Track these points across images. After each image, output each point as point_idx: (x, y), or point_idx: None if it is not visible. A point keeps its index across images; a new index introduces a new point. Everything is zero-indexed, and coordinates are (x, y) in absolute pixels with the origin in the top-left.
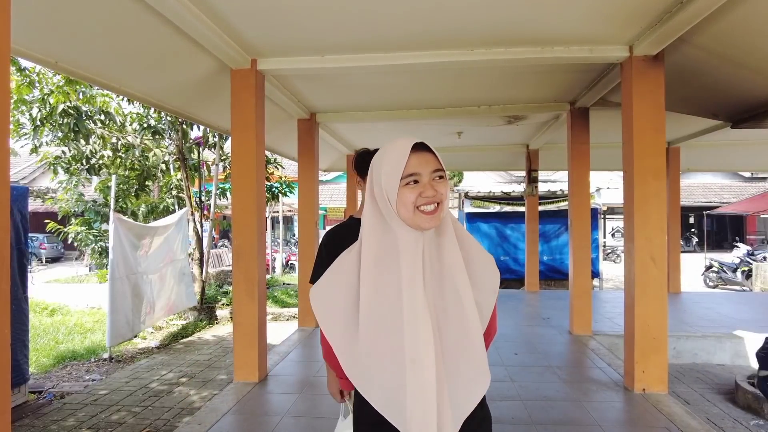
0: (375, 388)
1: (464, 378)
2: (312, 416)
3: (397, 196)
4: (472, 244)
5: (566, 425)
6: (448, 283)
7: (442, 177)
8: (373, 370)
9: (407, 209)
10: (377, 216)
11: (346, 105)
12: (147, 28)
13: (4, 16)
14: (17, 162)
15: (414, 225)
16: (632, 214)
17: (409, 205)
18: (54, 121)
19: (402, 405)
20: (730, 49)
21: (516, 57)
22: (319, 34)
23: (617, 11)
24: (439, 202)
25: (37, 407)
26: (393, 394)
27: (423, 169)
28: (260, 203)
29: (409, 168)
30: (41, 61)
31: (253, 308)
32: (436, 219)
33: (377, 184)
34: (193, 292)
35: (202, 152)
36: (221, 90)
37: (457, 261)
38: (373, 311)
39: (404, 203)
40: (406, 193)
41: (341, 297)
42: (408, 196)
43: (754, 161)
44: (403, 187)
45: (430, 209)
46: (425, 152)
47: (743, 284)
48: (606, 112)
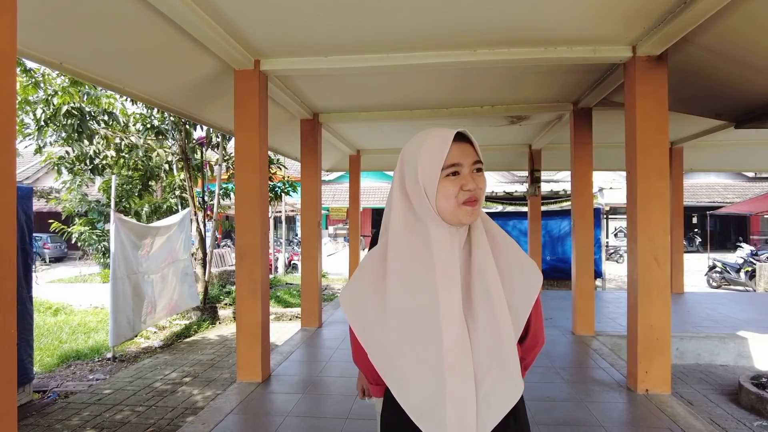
0: (410, 396)
1: (495, 387)
2: (315, 416)
3: (438, 188)
4: (507, 244)
5: (569, 426)
6: (478, 284)
7: (481, 170)
8: (409, 377)
9: (449, 202)
10: (407, 211)
11: (348, 105)
12: (151, 29)
13: (10, 17)
14: (21, 162)
15: (454, 220)
16: (635, 214)
17: (451, 198)
18: (58, 122)
19: (440, 415)
20: (734, 50)
21: (519, 57)
22: (322, 35)
23: (620, 11)
24: (477, 198)
25: (42, 406)
26: (429, 404)
27: (464, 159)
28: (263, 203)
29: (451, 158)
30: (46, 63)
31: (256, 308)
32: (476, 213)
33: (411, 176)
34: (195, 291)
35: (205, 152)
36: (225, 90)
37: (487, 260)
38: (406, 314)
39: (446, 195)
40: (447, 185)
41: (373, 299)
42: (450, 189)
43: (758, 161)
44: (444, 178)
45: (471, 203)
46: (465, 143)
47: (747, 284)
48: (609, 112)
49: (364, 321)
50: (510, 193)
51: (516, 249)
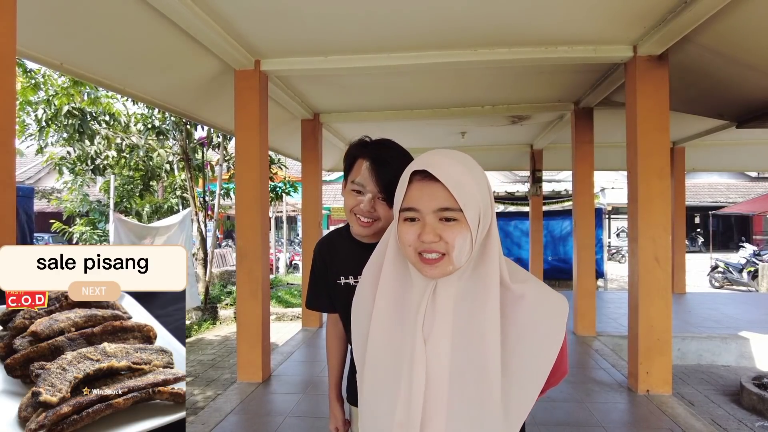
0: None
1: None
2: (315, 416)
3: (398, 229)
4: (530, 302)
5: (570, 426)
6: (474, 345)
7: (451, 219)
8: (368, 425)
9: (407, 251)
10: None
11: (349, 105)
12: (151, 29)
13: (9, 17)
14: (23, 162)
15: (418, 270)
16: (636, 214)
17: (407, 247)
18: (59, 122)
19: None
20: (735, 49)
21: (520, 57)
22: (322, 35)
23: (621, 11)
24: (444, 252)
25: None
26: None
27: (424, 205)
28: (264, 203)
29: (408, 200)
30: (47, 63)
31: (256, 308)
32: (439, 270)
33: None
34: (196, 292)
35: (206, 152)
36: (225, 91)
37: (488, 322)
38: (377, 360)
39: (402, 242)
40: (403, 230)
41: (363, 324)
42: (404, 235)
43: (760, 161)
44: (402, 222)
45: (431, 257)
46: (434, 182)
47: (749, 285)
48: (610, 111)
49: (356, 343)
50: (512, 193)
51: (540, 312)
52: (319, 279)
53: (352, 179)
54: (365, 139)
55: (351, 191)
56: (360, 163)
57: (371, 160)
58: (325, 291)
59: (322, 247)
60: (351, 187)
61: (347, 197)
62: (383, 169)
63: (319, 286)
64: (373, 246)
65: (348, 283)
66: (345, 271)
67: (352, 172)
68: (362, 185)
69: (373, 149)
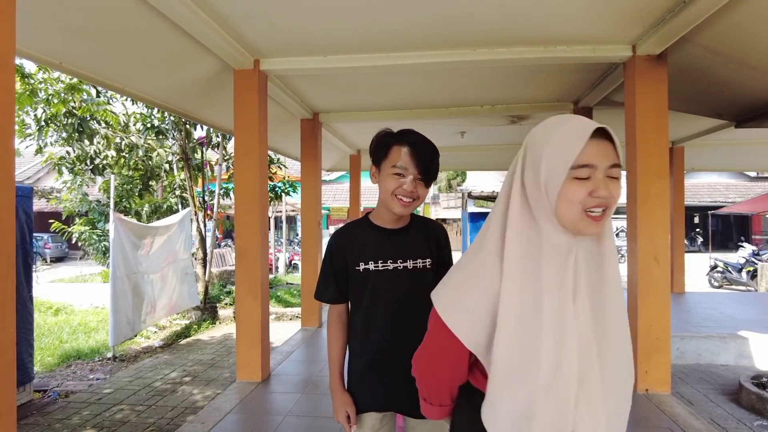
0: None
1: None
2: (315, 416)
3: (561, 189)
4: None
5: None
6: (610, 302)
7: (615, 177)
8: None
9: (571, 208)
10: (523, 206)
11: (349, 105)
12: (150, 29)
13: (8, 16)
14: (22, 162)
15: (573, 228)
16: (635, 214)
17: (576, 204)
18: (58, 122)
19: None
20: (734, 49)
21: (519, 57)
22: (321, 35)
23: (620, 11)
24: (607, 207)
25: (42, 406)
26: (516, 424)
27: (600, 161)
28: (263, 203)
29: (585, 157)
30: (46, 62)
31: (256, 308)
32: (600, 226)
33: (533, 167)
34: (196, 291)
35: (206, 152)
36: (224, 90)
37: (617, 276)
38: (513, 327)
39: (569, 200)
40: (573, 188)
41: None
42: (576, 193)
43: (760, 161)
44: (571, 180)
45: (597, 213)
46: (605, 140)
47: (748, 284)
48: (609, 111)
49: (471, 325)
50: None
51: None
52: (330, 270)
53: (393, 164)
54: (391, 130)
55: (392, 175)
56: (398, 149)
57: (409, 145)
58: (334, 282)
59: (340, 238)
60: (392, 171)
61: (388, 181)
62: (421, 153)
63: (328, 277)
64: (396, 231)
65: (368, 268)
66: (366, 258)
67: (389, 157)
68: (404, 168)
69: (409, 136)
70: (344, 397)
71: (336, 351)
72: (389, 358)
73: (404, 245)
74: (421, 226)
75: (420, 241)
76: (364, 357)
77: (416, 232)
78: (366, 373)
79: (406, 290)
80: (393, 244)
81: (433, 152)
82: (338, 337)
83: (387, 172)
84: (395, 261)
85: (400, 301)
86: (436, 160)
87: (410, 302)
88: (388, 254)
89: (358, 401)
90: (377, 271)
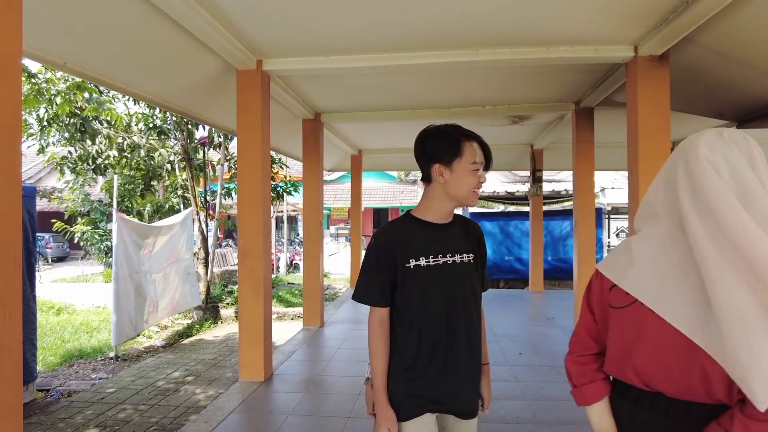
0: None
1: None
2: (317, 415)
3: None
4: None
5: (571, 425)
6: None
7: None
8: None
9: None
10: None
11: (350, 105)
12: (154, 29)
13: (15, 17)
14: (24, 162)
15: None
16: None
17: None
18: (61, 122)
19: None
20: (736, 49)
21: (521, 57)
22: (324, 35)
23: (622, 11)
24: None
25: (45, 405)
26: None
27: None
28: (265, 203)
29: None
30: (50, 63)
31: (258, 307)
32: None
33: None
34: (197, 291)
35: (207, 152)
36: (227, 90)
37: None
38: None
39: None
40: None
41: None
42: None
43: None
44: None
45: None
46: None
47: None
48: (611, 112)
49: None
50: (512, 193)
51: None
52: (376, 270)
53: (472, 160)
54: (447, 124)
55: (472, 171)
56: (470, 145)
57: (478, 141)
58: (379, 283)
59: (386, 236)
60: (472, 167)
61: (468, 177)
62: (486, 147)
63: (373, 278)
64: (445, 226)
65: (419, 264)
66: (418, 254)
67: (465, 155)
68: (481, 163)
69: (471, 133)
70: (389, 414)
71: (380, 362)
72: (445, 354)
73: (454, 239)
74: (462, 223)
75: (464, 237)
76: (418, 354)
77: (460, 228)
78: (419, 370)
79: (455, 284)
80: (444, 238)
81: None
82: (382, 347)
83: (466, 169)
84: (445, 255)
85: (451, 294)
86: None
87: (460, 295)
88: (440, 248)
89: (405, 408)
90: (429, 266)
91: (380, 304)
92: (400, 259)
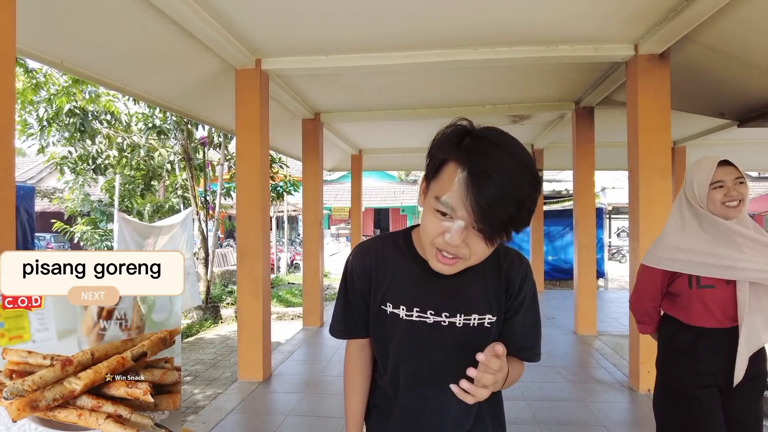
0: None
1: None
2: (316, 415)
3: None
4: None
5: (571, 425)
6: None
7: (744, 182)
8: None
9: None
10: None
11: (350, 105)
12: (152, 28)
13: (8, 15)
14: (25, 162)
15: (721, 215)
16: (637, 213)
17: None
18: (60, 121)
19: None
20: (736, 48)
21: (521, 56)
22: (323, 34)
23: (623, 10)
24: (741, 200)
25: None
26: None
27: (727, 177)
28: (265, 203)
29: (716, 176)
30: (48, 62)
31: (257, 307)
32: (737, 212)
33: (691, 188)
34: (197, 291)
35: (207, 152)
36: (226, 90)
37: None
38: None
39: (713, 201)
40: (713, 194)
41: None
42: (714, 196)
43: (762, 161)
44: (712, 190)
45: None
46: (729, 166)
47: None
48: (611, 111)
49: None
50: None
51: None
52: (349, 296)
53: (437, 194)
54: (464, 126)
55: (435, 211)
56: (451, 171)
57: (468, 170)
58: (357, 316)
59: (366, 257)
60: (434, 205)
61: (428, 219)
62: (485, 185)
63: (346, 305)
64: (448, 278)
65: (396, 314)
66: (398, 300)
67: (438, 181)
68: (451, 208)
69: (473, 151)
70: None
71: (354, 400)
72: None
73: (454, 293)
74: (491, 263)
75: (480, 288)
76: (389, 419)
77: (477, 274)
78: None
79: (449, 355)
80: (438, 289)
81: (510, 183)
82: (357, 382)
83: (429, 204)
84: (438, 314)
85: (440, 364)
86: (515, 204)
87: (454, 367)
88: (427, 302)
89: None
90: (410, 321)
91: (353, 337)
92: (376, 296)
